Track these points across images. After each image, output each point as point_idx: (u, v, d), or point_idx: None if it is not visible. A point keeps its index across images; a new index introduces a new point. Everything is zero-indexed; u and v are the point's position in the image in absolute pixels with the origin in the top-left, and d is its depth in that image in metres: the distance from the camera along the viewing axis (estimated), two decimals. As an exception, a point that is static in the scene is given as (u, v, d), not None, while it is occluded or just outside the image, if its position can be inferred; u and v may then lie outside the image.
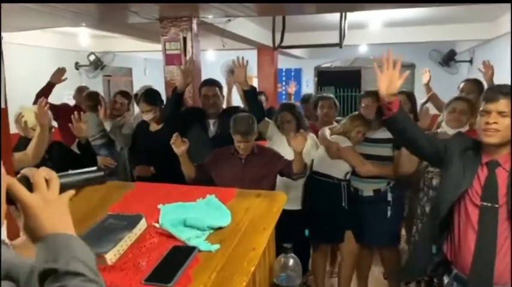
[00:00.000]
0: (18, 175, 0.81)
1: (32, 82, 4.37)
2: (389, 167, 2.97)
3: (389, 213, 3.02)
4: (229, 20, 4.09)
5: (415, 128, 2.05)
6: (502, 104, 1.75)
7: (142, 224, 1.37)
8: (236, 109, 3.36)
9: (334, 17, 4.63)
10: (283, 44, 4.91)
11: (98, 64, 7.61)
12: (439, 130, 3.14)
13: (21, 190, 0.78)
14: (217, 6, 3.71)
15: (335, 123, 3.83)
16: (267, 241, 1.35)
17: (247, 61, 3.13)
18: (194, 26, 3.98)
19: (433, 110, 3.68)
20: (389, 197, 3.01)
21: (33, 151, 2.41)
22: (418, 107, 4.00)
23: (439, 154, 1.98)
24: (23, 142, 2.53)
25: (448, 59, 7.84)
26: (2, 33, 2.09)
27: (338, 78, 10.52)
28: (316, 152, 3.21)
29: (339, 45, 4.28)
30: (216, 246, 1.27)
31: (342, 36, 4.27)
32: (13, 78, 4.23)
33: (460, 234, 1.88)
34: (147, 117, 3.42)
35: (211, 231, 1.36)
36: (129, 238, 1.30)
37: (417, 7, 4.45)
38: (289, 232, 3.07)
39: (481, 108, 1.84)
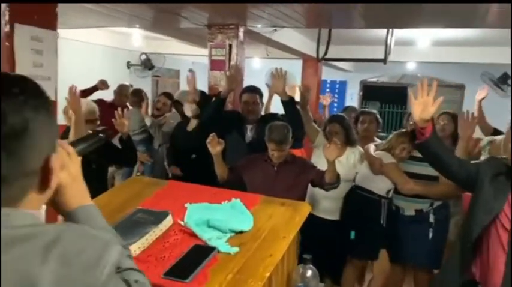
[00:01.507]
0: None
1: (85, 77, 4.61)
2: (434, 187, 2.89)
3: (430, 235, 2.95)
4: (275, 30, 4.15)
5: (448, 152, 2.08)
6: None
7: (168, 221, 1.43)
8: (274, 116, 3.41)
9: (381, 32, 4.59)
10: (328, 56, 4.91)
11: (148, 64, 7.90)
12: (481, 158, 3.04)
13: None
14: (266, 16, 3.78)
15: (376, 139, 3.79)
16: (286, 249, 1.38)
17: (285, 72, 3.16)
18: (240, 34, 4.07)
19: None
20: (432, 219, 2.93)
21: (73, 138, 2.55)
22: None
23: (470, 178, 1.97)
24: (68, 132, 2.68)
25: (501, 81, 7.54)
26: (59, 30, 2.24)
27: (384, 94, 10.36)
28: (360, 166, 3.19)
29: (384, 61, 4.24)
30: (235, 249, 1.31)
31: (387, 53, 4.23)
32: (67, 72, 4.49)
33: (490, 256, 1.87)
34: (189, 108, 3.50)
35: (233, 234, 1.40)
36: (154, 233, 1.36)
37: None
38: (323, 240, 3.12)
39: None
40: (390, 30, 4.27)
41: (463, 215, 3.28)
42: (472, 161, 2.19)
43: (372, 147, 3.12)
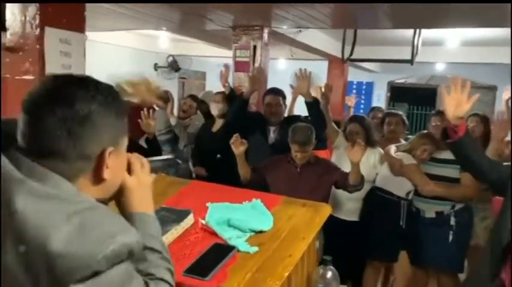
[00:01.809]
0: None
1: (113, 80, 4.72)
2: (456, 188, 2.83)
3: (450, 238, 2.89)
4: (300, 31, 4.15)
5: (480, 153, 2.01)
6: None
7: (189, 219, 1.45)
8: (297, 118, 3.40)
9: (408, 32, 4.52)
10: (354, 56, 4.86)
11: (174, 66, 8.02)
12: None
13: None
14: (290, 17, 3.79)
15: (402, 141, 3.73)
16: (305, 249, 1.38)
17: (310, 72, 3.15)
18: (265, 35, 4.09)
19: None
20: (453, 222, 2.87)
21: None
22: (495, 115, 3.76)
23: (502, 181, 1.91)
24: None
25: (534, 82, 7.28)
26: (87, 32, 2.31)
27: (412, 95, 10.18)
28: (381, 167, 3.17)
29: (411, 61, 4.16)
30: (255, 248, 1.32)
31: (414, 53, 4.15)
32: (95, 74, 4.59)
33: None
34: (215, 107, 3.55)
35: (252, 233, 1.41)
36: (175, 231, 1.39)
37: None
38: (343, 242, 3.10)
39: None
40: (417, 30, 4.19)
41: (493, 219, 3.20)
42: (504, 163, 2.13)
43: (392, 148, 3.08)
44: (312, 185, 2.78)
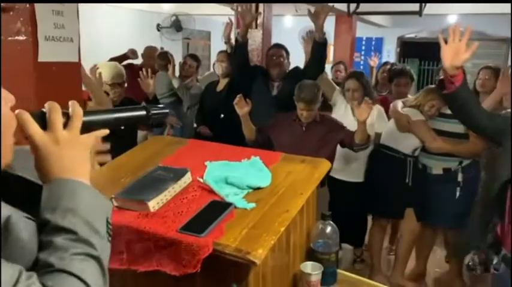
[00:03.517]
0: (34, 111, 0.74)
1: (115, 41, 4.65)
2: (463, 145, 2.79)
3: (457, 194, 2.88)
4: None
5: (477, 104, 1.99)
6: None
7: (187, 178, 1.44)
8: (297, 69, 3.36)
9: (418, -17, 4.34)
10: (360, 10, 4.70)
11: (178, 26, 7.85)
12: None
13: (31, 126, 0.71)
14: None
15: (409, 96, 3.66)
16: (303, 205, 1.37)
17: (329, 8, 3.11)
18: (268, -11, 3.95)
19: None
20: (460, 178, 2.86)
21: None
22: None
23: (499, 132, 1.88)
24: None
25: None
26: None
27: (423, 50, 9.87)
28: (383, 126, 3.13)
29: (419, 13, 4.01)
30: (252, 205, 1.31)
31: (422, 4, 3.99)
32: (96, 36, 4.54)
33: (511, 215, 1.79)
34: (219, 66, 3.55)
35: (250, 190, 1.40)
36: (173, 189, 1.38)
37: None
38: (347, 202, 3.11)
39: None
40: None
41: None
42: (502, 115, 2.09)
43: (399, 104, 3.02)
44: (317, 144, 2.76)
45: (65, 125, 0.74)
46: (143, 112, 0.88)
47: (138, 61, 4.68)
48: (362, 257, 3.65)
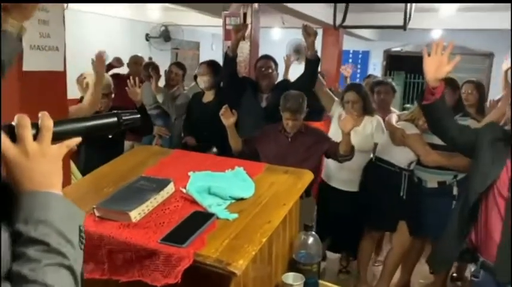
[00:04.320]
0: (4, 123, 0.74)
1: (103, 50, 4.63)
2: (458, 158, 2.81)
3: (453, 207, 2.90)
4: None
5: (451, 117, 2.06)
6: None
7: (170, 188, 1.44)
8: (287, 82, 3.38)
9: (403, -2, 4.41)
10: (346, 23, 4.76)
11: (166, 36, 7.87)
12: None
13: (1, 140, 0.71)
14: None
15: (392, 109, 3.71)
16: (286, 215, 1.37)
17: (316, 32, 3.14)
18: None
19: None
20: (455, 191, 2.87)
21: (89, 99, 2.56)
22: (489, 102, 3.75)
23: (470, 144, 1.95)
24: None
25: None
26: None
27: (409, 64, 10.03)
28: (381, 137, 3.14)
29: (403, 27, 4.08)
30: (234, 215, 1.31)
31: (406, 19, 4.07)
32: (84, 45, 4.51)
33: (487, 224, 1.85)
34: (202, 80, 3.50)
35: (233, 201, 1.40)
36: (155, 200, 1.38)
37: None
38: (341, 212, 3.11)
39: None
40: (410, -6, 4.11)
41: None
42: (472, 128, 2.15)
43: (394, 117, 3.05)
44: (303, 155, 2.78)
45: (35, 137, 0.74)
46: (114, 119, 0.88)
47: (125, 70, 4.68)
48: (347, 268, 3.65)
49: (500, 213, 1.79)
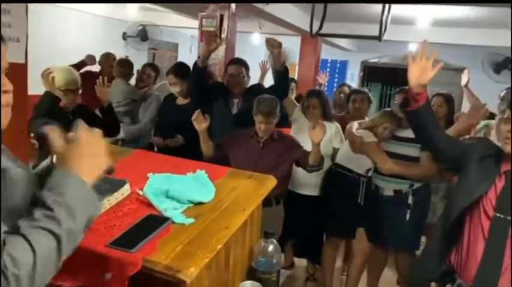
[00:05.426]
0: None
1: (78, 47, 4.52)
2: (414, 167, 2.83)
3: (407, 217, 2.90)
4: (267, 3, 4.03)
5: (437, 126, 2.00)
6: None
7: (125, 190, 1.37)
8: (259, 87, 3.35)
9: (379, 9, 4.45)
10: (324, 32, 4.77)
11: (144, 36, 7.76)
12: None
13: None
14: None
15: (366, 119, 3.72)
16: (246, 222, 1.33)
17: (280, 43, 3.07)
18: (233, 5, 3.95)
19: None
20: (410, 201, 2.88)
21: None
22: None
23: (457, 157, 1.90)
24: (46, 96, 2.59)
25: (502, 67, 7.34)
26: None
27: (386, 75, 10.15)
28: (341, 144, 3.17)
29: (378, 38, 4.11)
30: (191, 220, 1.26)
31: (382, 30, 4.11)
32: (60, 41, 4.41)
33: (469, 244, 1.80)
34: (174, 90, 3.45)
35: (191, 205, 1.34)
36: (108, 201, 1.31)
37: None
38: (304, 217, 3.10)
39: (505, 116, 1.76)
40: (386, 5, 4.14)
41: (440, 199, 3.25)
42: (461, 139, 2.12)
43: (355, 125, 3.06)
44: (274, 162, 2.74)
45: None
46: None
47: (98, 68, 4.57)
48: (315, 275, 3.63)
49: (483, 233, 1.74)
